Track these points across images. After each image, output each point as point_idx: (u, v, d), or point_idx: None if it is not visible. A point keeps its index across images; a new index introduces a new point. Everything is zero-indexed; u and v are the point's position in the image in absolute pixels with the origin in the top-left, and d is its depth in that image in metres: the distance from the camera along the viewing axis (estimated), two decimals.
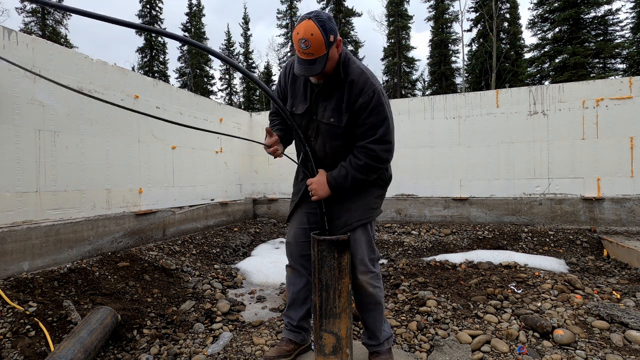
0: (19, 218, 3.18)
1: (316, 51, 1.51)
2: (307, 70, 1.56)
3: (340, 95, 1.69)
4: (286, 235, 2.08)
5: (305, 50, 1.51)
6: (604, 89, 5.24)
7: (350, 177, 1.71)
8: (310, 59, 1.54)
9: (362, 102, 1.65)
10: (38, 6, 24.81)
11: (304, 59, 1.55)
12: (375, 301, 1.86)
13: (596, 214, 5.23)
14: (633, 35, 20.83)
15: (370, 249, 1.84)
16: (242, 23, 34.37)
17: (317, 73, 1.56)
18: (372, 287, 1.82)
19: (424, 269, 3.88)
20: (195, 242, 4.98)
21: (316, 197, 1.76)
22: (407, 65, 29.89)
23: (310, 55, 1.52)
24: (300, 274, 2.01)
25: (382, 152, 1.69)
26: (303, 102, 1.79)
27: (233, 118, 6.77)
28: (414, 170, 6.26)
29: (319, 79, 1.68)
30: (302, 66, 1.57)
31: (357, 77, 1.67)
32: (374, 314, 1.88)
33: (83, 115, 3.80)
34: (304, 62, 1.56)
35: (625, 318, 2.42)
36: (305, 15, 1.54)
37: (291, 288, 2.04)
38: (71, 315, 2.49)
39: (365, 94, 1.65)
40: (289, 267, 2.06)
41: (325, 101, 1.73)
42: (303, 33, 1.48)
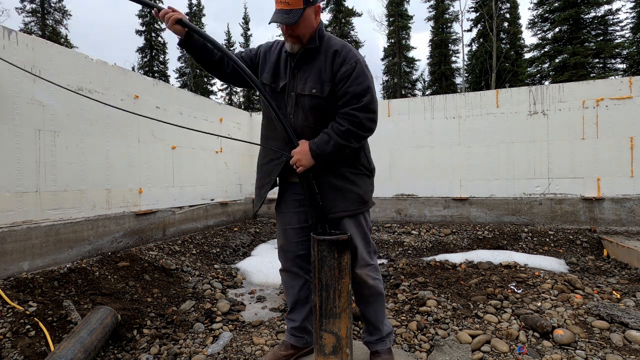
0: (19, 218, 3.18)
1: (293, 2, 1.54)
2: (281, 18, 1.56)
3: (321, 66, 1.68)
4: (277, 239, 2.02)
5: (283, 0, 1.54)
6: (604, 89, 5.24)
7: (332, 142, 1.63)
8: (285, 9, 1.56)
9: (344, 70, 1.63)
10: (38, 6, 24.84)
11: (280, 8, 1.57)
12: (377, 292, 1.85)
13: (596, 214, 5.23)
14: (633, 35, 20.83)
15: (366, 242, 1.81)
16: (242, 23, 34.38)
17: (291, 23, 1.55)
18: (372, 279, 1.81)
19: (424, 269, 3.88)
20: (195, 242, 4.98)
21: (301, 167, 1.66)
22: (407, 65, 29.89)
23: (286, 5, 1.55)
24: (296, 276, 1.97)
25: (365, 120, 1.65)
26: (283, 78, 1.76)
27: (233, 118, 6.77)
28: (414, 170, 6.26)
29: (294, 42, 1.67)
30: (277, 15, 1.58)
31: (340, 47, 1.68)
32: (375, 307, 1.87)
33: (83, 115, 3.80)
34: (279, 11, 1.57)
35: (625, 318, 2.42)
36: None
37: (290, 291, 1.99)
38: (71, 315, 2.49)
39: (348, 62, 1.64)
40: (284, 271, 2.01)
41: (305, 73, 1.71)
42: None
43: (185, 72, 31.98)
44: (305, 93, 1.69)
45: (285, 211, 1.93)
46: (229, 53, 1.68)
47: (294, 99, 1.73)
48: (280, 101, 1.78)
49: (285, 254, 1.96)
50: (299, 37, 1.65)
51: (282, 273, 2.03)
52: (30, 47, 3.32)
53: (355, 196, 1.76)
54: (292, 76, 1.74)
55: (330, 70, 1.66)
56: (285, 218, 1.93)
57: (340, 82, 1.65)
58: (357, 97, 1.63)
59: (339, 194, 1.74)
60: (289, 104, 1.75)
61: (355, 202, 1.76)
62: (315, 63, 1.69)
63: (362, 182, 1.80)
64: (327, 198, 1.73)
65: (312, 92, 1.67)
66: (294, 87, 1.73)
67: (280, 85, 1.76)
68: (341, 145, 1.64)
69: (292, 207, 1.91)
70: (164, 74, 30.53)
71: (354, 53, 1.68)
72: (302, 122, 1.73)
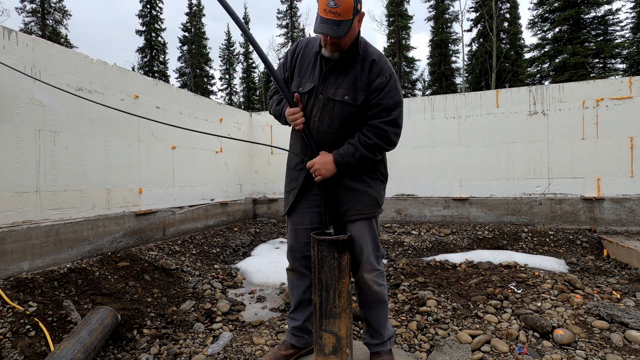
0: (19, 218, 3.18)
1: (344, 12, 1.45)
2: (331, 30, 1.47)
3: (357, 74, 1.65)
4: (287, 238, 2.03)
5: (333, 9, 1.44)
6: (604, 89, 5.24)
7: (358, 155, 1.67)
8: (336, 20, 1.46)
9: (380, 82, 1.64)
10: (38, 6, 24.84)
11: (329, 19, 1.46)
12: (380, 299, 1.85)
13: (596, 214, 5.23)
14: (633, 35, 20.83)
15: (376, 246, 1.81)
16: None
17: (341, 35, 1.48)
18: (377, 285, 1.81)
19: (424, 269, 3.88)
20: (195, 242, 4.98)
21: (320, 177, 1.69)
22: (407, 65, 29.89)
23: (337, 16, 1.45)
24: (302, 276, 1.97)
25: (392, 134, 1.69)
26: (311, 80, 1.72)
27: (233, 118, 6.77)
28: (414, 170, 6.26)
29: (334, 50, 1.62)
30: (326, 25, 1.47)
31: (378, 57, 1.66)
32: (378, 312, 1.87)
33: (83, 115, 3.80)
34: (328, 22, 1.47)
35: (625, 318, 2.42)
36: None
37: (295, 291, 1.99)
38: (71, 315, 2.49)
39: (383, 75, 1.64)
40: (291, 271, 2.01)
41: (338, 78, 1.68)
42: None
43: (185, 72, 32.00)
44: (337, 98, 1.68)
45: (298, 211, 1.93)
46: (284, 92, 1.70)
47: (321, 102, 1.71)
48: (306, 103, 1.75)
49: (294, 253, 1.97)
50: (340, 45, 1.60)
51: (288, 272, 2.04)
52: (30, 47, 3.32)
53: (371, 199, 1.79)
54: (323, 79, 1.70)
55: (366, 79, 1.65)
56: (297, 218, 1.93)
57: (374, 93, 1.66)
58: (387, 110, 1.66)
59: (356, 197, 1.77)
60: (315, 107, 1.73)
61: (371, 205, 1.79)
62: (351, 70, 1.67)
63: (377, 187, 1.83)
64: (344, 200, 1.77)
65: (345, 99, 1.67)
66: (323, 91, 1.70)
67: (308, 87, 1.73)
68: (366, 157, 1.69)
69: (305, 208, 1.91)
70: (164, 74, 30.54)
71: (389, 65, 1.69)
72: (326, 127, 1.73)
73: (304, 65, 1.77)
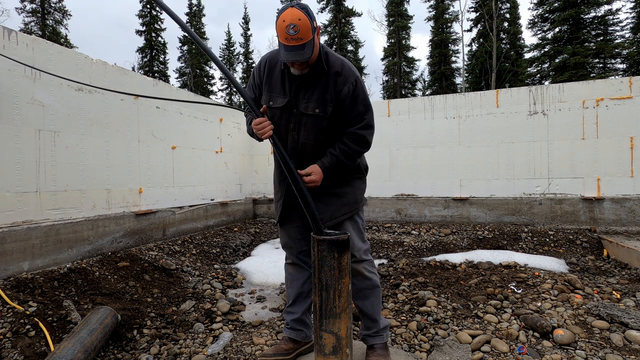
0: (19, 218, 3.18)
1: (304, 35, 1.52)
2: (297, 56, 1.56)
3: (323, 86, 1.72)
4: (279, 238, 2.11)
5: (294, 36, 1.51)
6: (604, 89, 5.24)
7: (341, 163, 1.77)
8: (299, 44, 1.53)
9: (347, 91, 1.70)
10: (38, 6, 24.84)
11: (293, 45, 1.54)
12: (373, 285, 1.91)
13: (596, 214, 5.23)
14: (633, 35, 20.83)
15: (361, 239, 1.89)
16: (242, 23, 34.39)
17: (308, 58, 1.56)
18: (368, 272, 1.88)
19: (424, 269, 3.88)
20: (195, 242, 4.98)
21: (313, 184, 1.73)
22: (407, 65, 29.88)
23: (299, 40, 1.53)
24: (302, 269, 2.04)
25: (368, 135, 1.80)
26: (282, 95, 1.78)
27: (233, 118, 6.77)
28: (414, 170, 6.26)
29: (303, 69, 1.67)
30: (292, 52, 1.55)
31: (339, 67, 1.72)
32: (372, 299, 1.92)
33: (83, 115, 3.80)
34: (293, 49, 1.54)
35: (625, 318, 2.42)
36: (285, 5, 1.56)
37: (295, 283, 2.05)
38: (71, 315, 2.49)
39: (348, 83, 1.71)
40: (290, 265, 2.07)
41: (307, 92, 1.74)
42: (290, 19, 1.50)
43: (185, 72, 32.00)
44: (309, 112, 1.74)
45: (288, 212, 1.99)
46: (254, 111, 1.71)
47: (295, 116, 1.77)
48: (280, 118, 1.80)
49: (289, 249, 2.04)
50: (308, 63, 1.66)
51: (288, 266, 2.10)
52: (30, 47, 3.32)
53: (353, 198, 1.89)
54: (294, 94, 1.76)
55: (333, 90, 1.71)
56: (287, 218, 2.00)
57: (343, 102, 1.72)
58: (359, 115, 1.76)
59: (340, 200, 1.85)
60: (291, 121, 1.79)
61: (351, 204, 1.88)
62: (318, 83, 1.73)
63: (357, 185, 1.94)
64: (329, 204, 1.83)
65: (316, 112, 1.73)
66: (297, 105, 1.76)
67: (280, 103, 1.78)
68: (347, 163, 1.80)
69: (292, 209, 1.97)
70: (164, 74, 30.53)
71: (352, 71, 1.74)
72: (303, 140, 1.80)
73: (271, 81, 1.82)
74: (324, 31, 29.63)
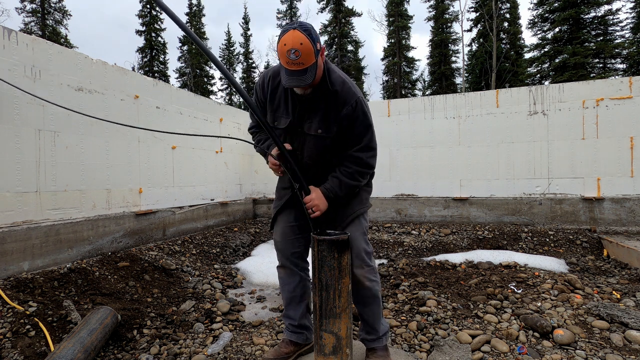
0: (19, 218, 3.18)
1: (306, 60, 1.46)
2: (298, 81, 1.50)
3: (326, 106, 1.69)
4: (274, 236, 2.08)
5: (295, 61, 1.45)
6: (604, 89, 5.24)
7: (343, 185, 1.75)
8: (300, 69, 1.48)
9: (346, 112, 1.67)
10: (38, 6, 24.84)
11: (294, 70, 1.48)
12: (372, 294, 1.88)
13: (596, 214, 5.23)
14: (633, 35, 20.83)
15: (365, 242, 1.86)
16: (242, 23, 34.39)
17: (309, 83, 1.51)
18: (369, 281, 1.84)
19: (424, 269, 3.88)
20: (195, 242, 4.98)
21: (318, 212, 1.73)
22: (407, 65, 29.89)
23: (300, 65, 1.46)
24: (292, 273, 2.01)
25: (368, 158, 1.77)
26: (285, 116, 1.75)
27: (233, 118, 6.78)
28: (414, 170, 6.26)
29: (306, 90, 1.63)
30: (293, 77, 1.50)
31: (339, 87, 1.67)
32: (372, 308, 1.90)
33: (83, 116, 3.79)
34: (294, 73, 1.49)
35: (625, 318, 2.42)
36: (287, 26, 1.48)
37: (286, 288, 2.03)
38: (71, 315, 2.49)
39: (348, 104, 1.67)
40: (281, 268, 2.05)
41: (310, 112, 1.71)
42: (292, 43, 1.43)
43: (185, 72, 32.00)
44: (312, 133, 1.73)
45: (283, 210, 2.00)
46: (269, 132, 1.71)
47: (300, 136, 1.77)
48: (284, 138, 1.79)
49: (281, 251, 2.02)
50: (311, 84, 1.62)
51: (278, 269, 2.08)
52: (30, 47, 3.32)
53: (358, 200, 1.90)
54: (298, 114, 1.74)
55: (334, 110, 1.69)
56: (283, 216, 2.00)
57: (342, 122, 1.70)
58: (358, 137, 1.73)
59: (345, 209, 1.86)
60: (295, 141, 1.78)
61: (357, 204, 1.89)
62: (322, 102, 1.70)
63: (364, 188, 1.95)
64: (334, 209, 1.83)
65: (318, 133, 1.71)
66: (301, 125, 1.75)
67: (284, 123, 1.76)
68: (352, 185, 1.78)
69: (288, 206, 1.98)
70: (164, 74, 30.53)
71: (353, 91, 1.69)
72: (307, 160, 1.80)
73: (275, 100, 1.79)
74: (324, 31, 29.64)
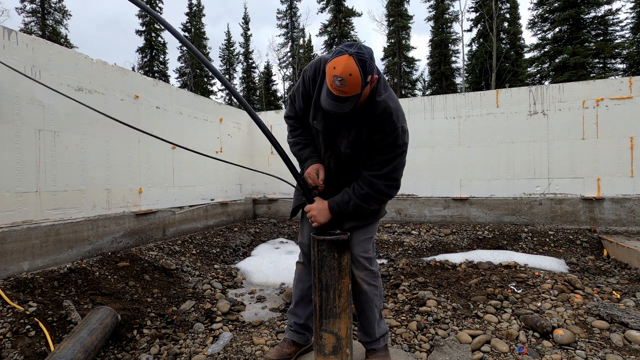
0: (19, 218, 3.18)
1: (350, 91, 1.40)
2: (336, 108, 1.46)
3: (362, 124, 1.62)
4: (299, 236, 2.11)
5: (339, 88, 1.39)
6: (604, 89, 5.24)
7: (352, 204, 1.70)
8: (342, 97, 1.43)
9: (378, 137, 1.61)
10: (38, 6, 24.83)
11: (335, 95, 1.43)
12: (369, 299, 1.85)
13: (596, 214, 5.23)
14: (633, 35, 20.83)
15: (370, 246, 1.85)
16: (242, 23, 34.39)
17: (346, 111, 1.47)
18: (367, 285, 1.83)
19: (424, 269, 3.88)
20: (195, 242, 4.98)
21: (316, 223, 1.75)
22: (407, 65, 29.90)
23: (343, 94, 1.41)
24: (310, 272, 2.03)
25: (385, 187, 1.67)
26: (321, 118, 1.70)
27: (233, 118, 6.77)
28: (414, 170, 6.26)
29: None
30: (331, 102, 1.45)
31: (382, 110, 1.59)
32: (368, 313, 1.89)
33: (83, 115, 3.80)
34: (334, 98, 1.44)
35: (625, 318, 2.42)
36: (345, 47, 1.40)
37: (300, 285, 2.05)
38: (71, 315, 2.49)
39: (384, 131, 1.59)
40: (301, 264, 2.08)
41: (346, 124, 1.65)
42: (341, 71, 1.36)
43: (185, 72, 32.00)
44: (342, 149, 1.69)
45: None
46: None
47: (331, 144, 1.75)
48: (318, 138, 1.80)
49: (303, 250, 2.05)
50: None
51: (297, 265, 2.11)
52: (30, 47, 3.32)
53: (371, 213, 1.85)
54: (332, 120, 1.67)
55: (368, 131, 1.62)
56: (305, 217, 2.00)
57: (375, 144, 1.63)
58: (380, 164, 1.64)
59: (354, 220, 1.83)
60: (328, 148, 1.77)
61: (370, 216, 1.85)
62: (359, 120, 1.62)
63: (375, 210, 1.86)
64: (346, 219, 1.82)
65: (347, 152, 1.68)
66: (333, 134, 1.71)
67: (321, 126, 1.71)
68: (361, 206, 1.71)
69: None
70: (164, 74, 30.52)
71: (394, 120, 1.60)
72: (334, 169, 1.80)
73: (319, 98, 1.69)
74: (323, 31, 29.64)
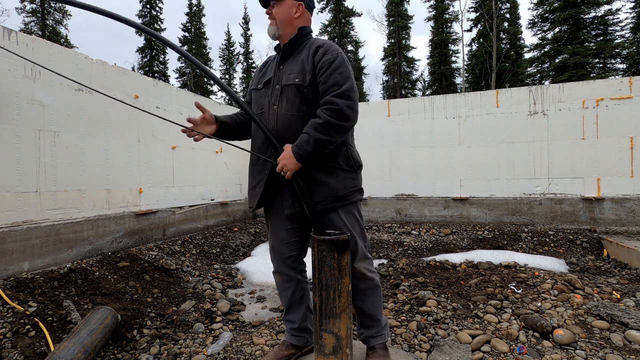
0: (19, 218, 3.18)
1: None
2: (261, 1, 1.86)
3: (304, 58, 1.79)
4: (269, 239, 2.01)
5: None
6: (604, 89, 5.24)
7: (312, 140, 1.61)
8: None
9: (326, 59, 1.70)
10: (38, 6, 24.84)
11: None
12: (374, 284, 1.89)
13: (596, 214, 5.23)
14: (633, 35, 20.83)
15: (363, 235, 1.86)
16: (242, 23, 34.40)
17: (265, 5, 1.85)
18: (369, 272, 1.86)
19: (424, 269, 3.88)
20: (195, 242, 4.98)
21: (289, 172, 1.66)
22: (407, 65, 29.90)
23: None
24: (289, 278, 1.97)
25: (345, 107, 1.63)
26: (268, 75, 1.90)
27: None
28: (414, 170, 6.26)
29: (271, 24, 1.84)
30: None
31: (322, 42, 1.80)
32: (373, 299, 1.89)
33: (83, 115, 3.80)
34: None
35: (625, 318, 2.42)
36: None
37: (284, 294, 2.00)
38: (71, 315, 2.49)
39: (330, 53, 1.72)
40: (277, 274, 2.01)
41: (289, 67, 1.82)
42: None
43: (185, 72, 31.99)
44: (289, 83, 1.77)
45: (275, 213, 1.93)
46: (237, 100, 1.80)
47: (278, 90, 1.81)
48: (264, 97, 1.86)
49: (277, 255, 1.96)
50: (275, 20, 1.83)
51: (274, 275, 2.04)
52: (30, 47, 3.32)
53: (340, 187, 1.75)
54: (277, 71, 1.86)
55: (312, 60, 1.75)
56: (275, 220, 1.93)
57: (321, 70, 1.71)
58: (337, 83, 1.67)
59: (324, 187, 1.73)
60: (273, 96, 1.83)
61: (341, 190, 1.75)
62: (299, 56, 1.81)
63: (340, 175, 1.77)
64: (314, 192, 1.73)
65: (296, 82, 1.75)
66: (279, 80, 1.83)
67: (265, 80, 1.89)
68: (322, 140, 1.63)
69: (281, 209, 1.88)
70: (164, 74, 30.52)
71: (336, 47, 1.78)
72: (285, 111, 1.77)
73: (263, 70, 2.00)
74: (323, 31, 29.63)
